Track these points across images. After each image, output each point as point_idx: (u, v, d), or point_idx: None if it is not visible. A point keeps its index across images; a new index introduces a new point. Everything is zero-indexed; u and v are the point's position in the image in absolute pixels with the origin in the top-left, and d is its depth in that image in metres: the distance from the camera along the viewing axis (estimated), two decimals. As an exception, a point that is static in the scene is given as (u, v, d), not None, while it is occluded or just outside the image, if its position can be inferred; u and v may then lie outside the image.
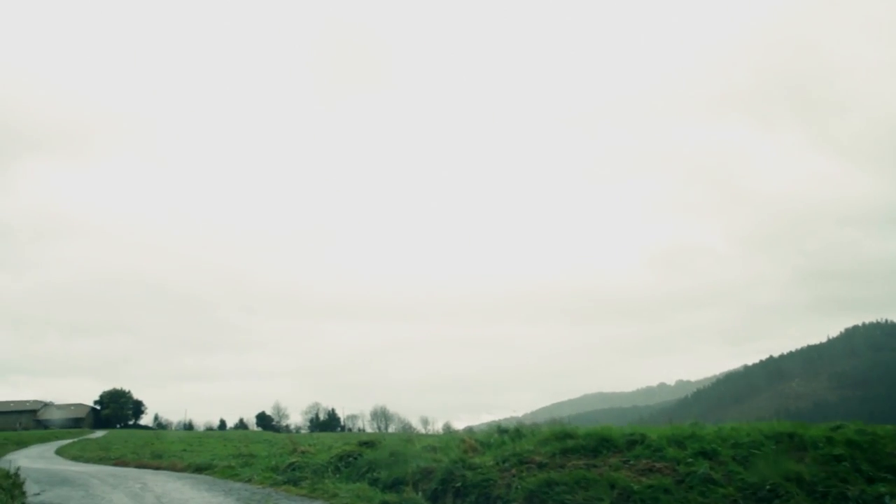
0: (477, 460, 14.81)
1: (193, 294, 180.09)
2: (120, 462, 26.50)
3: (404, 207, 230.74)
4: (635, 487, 12.86)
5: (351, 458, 16.21)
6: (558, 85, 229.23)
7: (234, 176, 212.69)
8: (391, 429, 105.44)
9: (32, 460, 34.51)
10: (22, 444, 53.52)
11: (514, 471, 14.07)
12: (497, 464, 14.40)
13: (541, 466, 14.12)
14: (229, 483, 15.85)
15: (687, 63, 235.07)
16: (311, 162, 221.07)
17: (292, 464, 16.49)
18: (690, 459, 13.63)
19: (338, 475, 15.19)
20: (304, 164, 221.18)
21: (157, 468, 22.31)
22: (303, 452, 17.63)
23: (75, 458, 33.72)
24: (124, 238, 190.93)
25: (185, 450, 43.53)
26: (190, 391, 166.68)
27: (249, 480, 15.81)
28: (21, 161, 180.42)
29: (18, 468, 15.27)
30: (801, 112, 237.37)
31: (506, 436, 17.00)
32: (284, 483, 14.85)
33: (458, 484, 13.83)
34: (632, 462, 14.07)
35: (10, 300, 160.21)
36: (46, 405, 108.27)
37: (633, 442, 14.85)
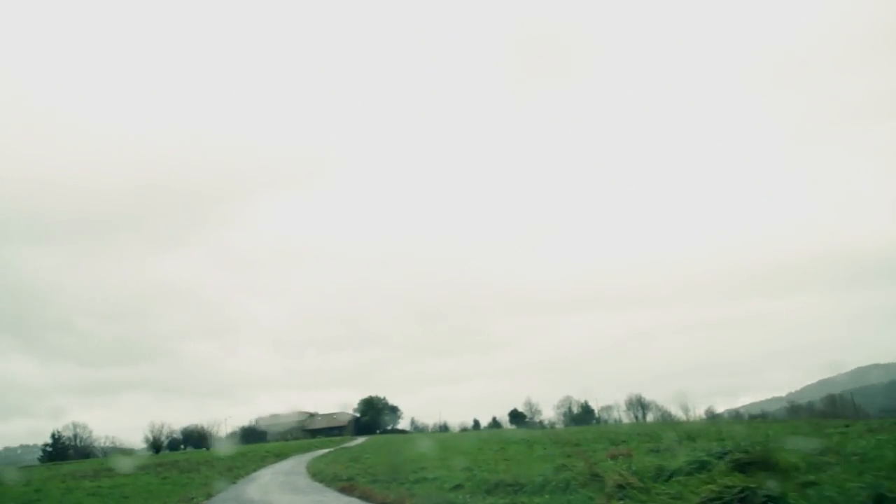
0: None
1: (429, 302, 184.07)
2: (346, 488, 20.10)
3: (624, 192, 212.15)
4: None
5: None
6: (765, 38, 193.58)
7: (449, 185, 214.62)
8: (649, 418, 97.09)
9: (274, 477, 30.64)
10: (282, 456, 52.63)
11: None
12: None
13: None
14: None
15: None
16: (515, 160, 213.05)
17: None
18: None
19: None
20: (509, 162, 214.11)
21: (383, 503, 14.99)
22: (622, 487, 8.56)
23: (314, 475, 28.82)
24: (359, 257, 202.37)
25: (438, 457, 37.55)
26: (440, 394, 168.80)
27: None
28: (260, 198, 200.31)
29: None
30: None
31: None
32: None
33: None
34: None
35: (268, 324, 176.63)
36: (312, 416, 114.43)
37: None
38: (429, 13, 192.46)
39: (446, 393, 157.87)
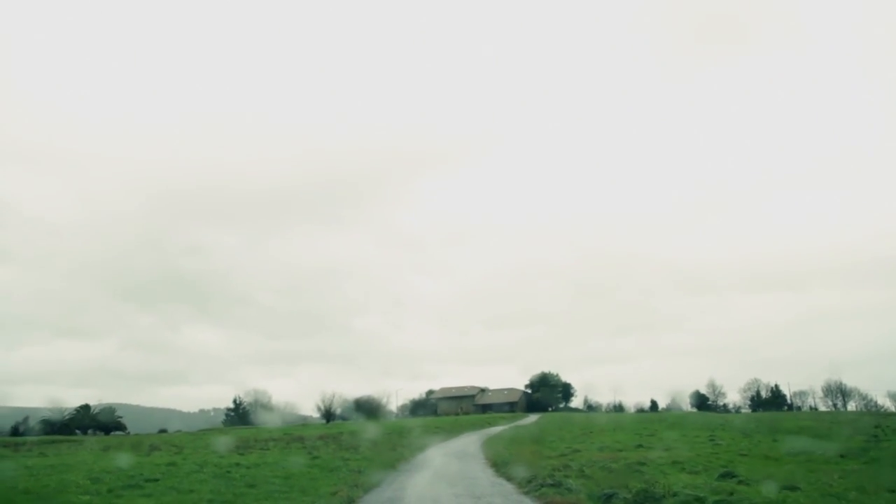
0: None
1: (594, 280, 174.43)
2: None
3: (806, 166, 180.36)
4: None
5: None
6: None
7: (618, 160, 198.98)
8: (850, 406, 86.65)
9: (445, 463, 24.15)
10: (453, 432, 46.79)
11: None
12: None
13: None
14: None
15: None
16: (685, 132, 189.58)
17: None
18: None
19: None
20: (677, 135, 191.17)
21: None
22: None
23: (497, 467, 21.62)
24: (525, 236, 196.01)
25: (639, 445, 29.03)
26: (610, 372, 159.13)
27: None
28: (426, 180, 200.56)
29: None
30: None
31: None
32: None
33: None
34: None
35: (434, 300, 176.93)
36: (483, 391, 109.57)
37: None
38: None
39: (616, 372, 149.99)
